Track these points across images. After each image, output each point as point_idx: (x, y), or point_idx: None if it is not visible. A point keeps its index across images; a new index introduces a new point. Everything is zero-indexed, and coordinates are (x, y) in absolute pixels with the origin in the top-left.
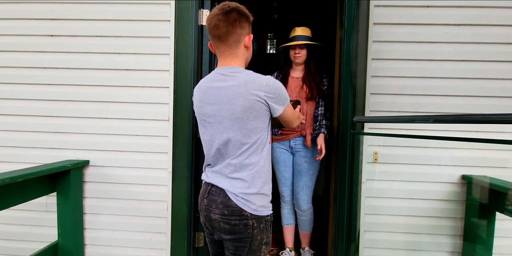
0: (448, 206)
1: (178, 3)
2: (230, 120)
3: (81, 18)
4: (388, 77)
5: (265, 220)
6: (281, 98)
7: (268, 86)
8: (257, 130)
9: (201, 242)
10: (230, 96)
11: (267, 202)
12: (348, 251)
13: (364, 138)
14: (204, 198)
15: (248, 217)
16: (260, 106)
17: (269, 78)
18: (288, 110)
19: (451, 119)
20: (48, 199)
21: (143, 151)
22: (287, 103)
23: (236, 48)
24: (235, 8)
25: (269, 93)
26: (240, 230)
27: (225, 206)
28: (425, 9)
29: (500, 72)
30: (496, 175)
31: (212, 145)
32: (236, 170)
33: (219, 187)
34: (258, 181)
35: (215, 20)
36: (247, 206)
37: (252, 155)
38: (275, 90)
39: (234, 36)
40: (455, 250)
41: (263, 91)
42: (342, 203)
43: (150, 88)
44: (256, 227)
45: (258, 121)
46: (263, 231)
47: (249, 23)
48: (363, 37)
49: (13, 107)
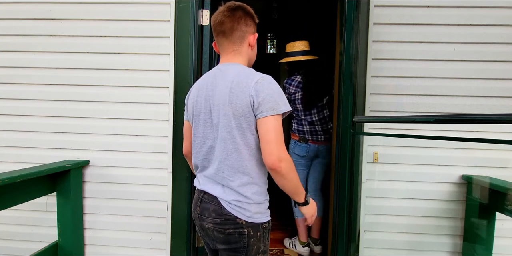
0: (448, 206)
1: (178, 3)
2: (225, 119)
3: (81, 18)
4: (388, 77)
5: (263, 227)
6: (270, 100)
7: (258, 84)
8: (246, 130)
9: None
10: (226, 93)
11: (264, 208)
12: (348, 251)
13: (364, 138)
14: (197, 206)
15: (243, 225)
16: (247, 104)
17: (263, 76)
18: (274, 121)
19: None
20: (48, 199)
21: (143, 151)
22: (279, 110)
23: (240, 45)
24: (240, 6)
25: (257, 91)
26: (235, 239)
27: (218, 214)
28: (425, 9)
29: (500, 72)
30: (496, 175)
31: (204, 144)
32: (226, 175)
33: (212, 194)
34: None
35: (220, 16)
36: (242, 214)
37: (243, 158)
38: (264, 89)
39: (239, 32)
40: (455, 250)
41: (253, 89)
42: (342, 203)
43: (150, 88)
44: (253, 236)
45: (248, 121)
46: (260, 239)
47: (255, 23)
48: (363, 37)
49: (13, 107)
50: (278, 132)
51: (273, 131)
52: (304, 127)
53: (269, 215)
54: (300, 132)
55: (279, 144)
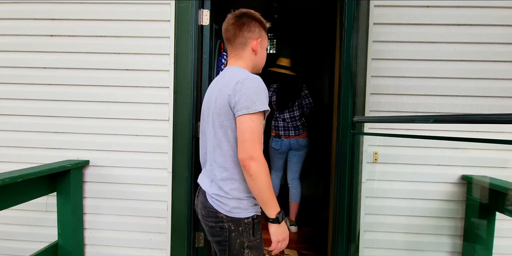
0: (448, 206)
1: (178, 3)
2: (212, 117)
3: (81, 18)
4: (388, 77)
5: (245, 223)
6: (246, 99)
7: (238, 84)
8: (228, 128)
9: (201, 242)
10: (216, 93)
11: (245, 204)
12: (348, 251)
13: (364, 138)
14: (196, 199)
15: (223, 220)
16: (226, 103)
17: (247, 76)
18: (249, 121)
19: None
20: (48, 199)
21: (143, 151)
22: (254, 109)
23: (241, 50)
24: (246, 12)
25: (235, 90)
26: (217, 233)
27: (203, 206)
28: (425, 9)
29: (500, 72)
30: (496, 175)
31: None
32: (213, 170)
33: (202, 188)
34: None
35: (226, 24)
36: (221, 208)
37: (224, 153)
38: (242, 88)
39: (241, 39)
40: (455, 250)
41: (232, 88)
42: (342, 203)
43: (150, 88)
44: (234, 230)
45: (229, 119)
46: (243, 234)
47: (261, 28)
48: (363, 37)
49: (13, 107)
50: (254, 132)
51: (247, 131)
52: (278, 123)
53: (254, 211)
54: (275, 128)
55: (253, 144)
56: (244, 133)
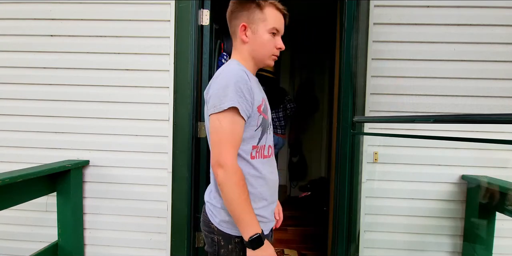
0: (448, 206)
1: (178, 3)
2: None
3: (81, 18)
4: (388, 77)
5: (235, 242)
6: (214, 96)
7: (212, 79)
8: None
9: (201, 242)
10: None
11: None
12: (348, 251)
13: (364, 138)
14: None
15: (214, 231)
16: (206, 101)
17: (224, 69)
18: (217, 121)
19: (451, 119)
20: (48, 199)
21: (143, 151)
22: (220, 107)
23: (235, 42)
24: (232, 1)
25: (208, 87)
26: (209, 243)
27: (203, 212)
28: (425, 9)
29: (500, 72)
30: (496, 175)
31: None
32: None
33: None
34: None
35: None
36: (212, 218)
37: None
38: (214, 84)
39: (232, 28)
40: (455, 250)
41: (208, 85)
42: (342, 203)
43: (150, 88)
44: (223, 246)
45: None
46: (232, 253)
47: (251, 11)
48: (363, 37)
49: (13, 107)
50: (222, 133)
51: (214, 133)
52: None
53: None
54: None
55: (221, 148)
56: (211, 135)
